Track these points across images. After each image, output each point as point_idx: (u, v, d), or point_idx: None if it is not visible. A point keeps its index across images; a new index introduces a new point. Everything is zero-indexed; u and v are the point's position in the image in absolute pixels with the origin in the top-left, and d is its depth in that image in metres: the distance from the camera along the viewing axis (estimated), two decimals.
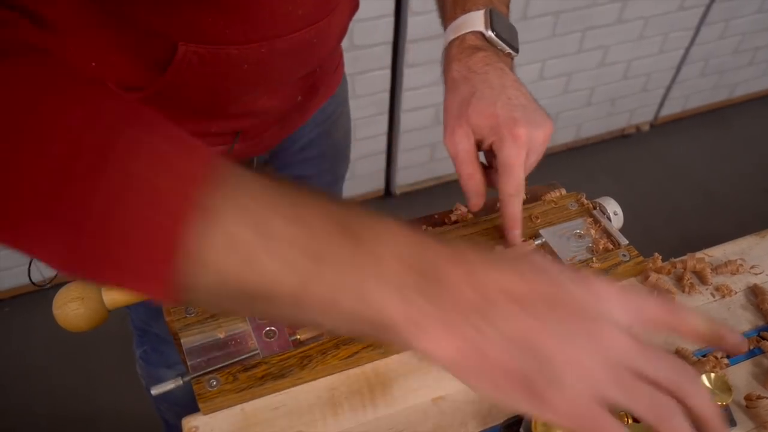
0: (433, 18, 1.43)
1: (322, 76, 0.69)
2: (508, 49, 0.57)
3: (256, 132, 0.65)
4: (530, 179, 0.56)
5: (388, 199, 1.84)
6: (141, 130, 0.28)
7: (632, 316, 0.30)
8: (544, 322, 0.29)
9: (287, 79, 0.61)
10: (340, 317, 0.29)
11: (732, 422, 0.41)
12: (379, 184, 1.81)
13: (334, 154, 0.84)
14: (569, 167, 1.97)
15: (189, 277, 0.27)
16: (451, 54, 0.56)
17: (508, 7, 0.61)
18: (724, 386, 0.43)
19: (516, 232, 0.55)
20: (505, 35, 0.56)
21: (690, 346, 0.55)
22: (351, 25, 1.50)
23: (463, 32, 0.55)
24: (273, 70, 0.57)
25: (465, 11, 0.56)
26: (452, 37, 0.56)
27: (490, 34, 0.55)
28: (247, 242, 0.28)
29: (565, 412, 0.28)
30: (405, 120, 1.65)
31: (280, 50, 0.54)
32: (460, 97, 0.53)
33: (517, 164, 0.51)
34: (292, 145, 0.75)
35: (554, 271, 0.30)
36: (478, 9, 0.56)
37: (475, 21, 0.55)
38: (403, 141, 1.70)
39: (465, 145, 0.54)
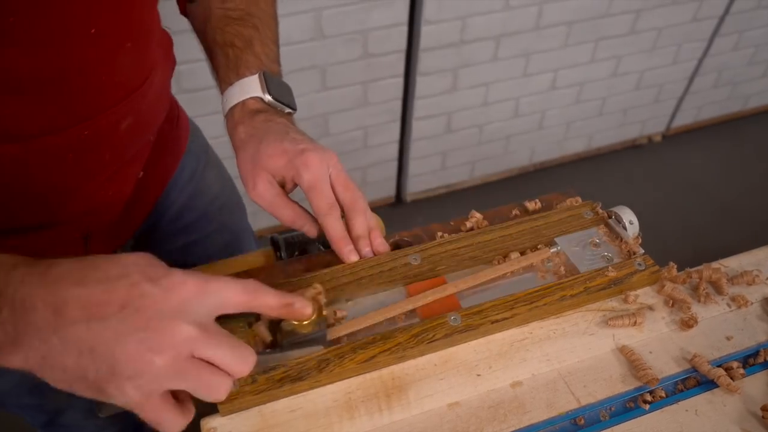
0: (446, 27, 1.45)
1: (161, 139, 0.66)
2: (287, 109, 0.58)
3: (104, 227, 0.61)
4: (543, 189, 0.56)
5: (399, 207, 1.85)
6: None
7: (211, 306, 0.36)
8: (109, 325, 0.33)
9: (121, 159, 0.57)
10: None
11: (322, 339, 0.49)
12: (390, 191, 1.82)
13: (221, 209, 0.80)
14: (580, 177, 1.96)
15: None
16: (235, 118, 0.57)
17: (278, 62, 0.61)
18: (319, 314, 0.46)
19: (347, 249, 0.55)
20: (281, 97, 0.57)
21: (706, 355, 0.55)
22: (365, 33, 1.51)
23: (243, 98, 0.56)
24: (103, 153, 0.52)
25: (239, 76, 0.57)
26: (233, 102, 0.57)
27: (269, 98, 0.56)
28: None
29: (126, 402, 0.35)
30: (417, 128, 1.65)
31: (105, 127, 0.50)
32: (251, 153, 0.54)
33: (319, 184, 0.53)
34: (160, 218, 0.71)
35: (133, 276, 0.34)
36: (252, 74, 0.57)
37: (252, 86, 0.56)
38: (415, 149, 1.71)
39: (271, 191, 0.55)
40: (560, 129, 1.89)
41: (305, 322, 0.44)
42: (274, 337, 0.46)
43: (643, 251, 0.62)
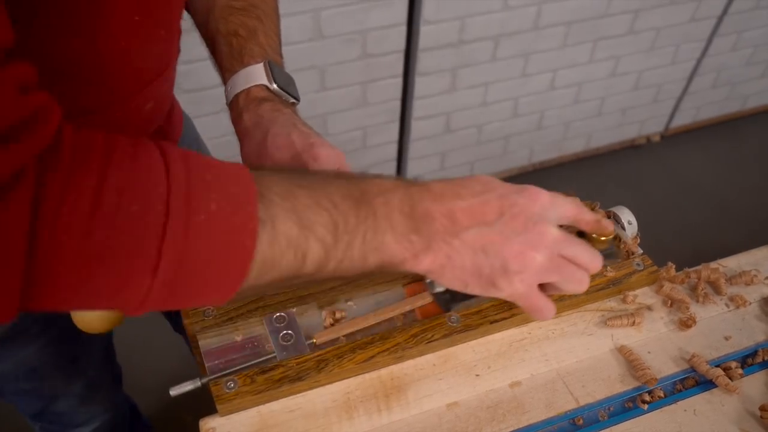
0: (445, 27, 1.45)
1: (162, 127, 0.67)
2: (291, 99, 0.58)
3: None
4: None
5: None
6: (198, 175, 0.33)
7: (559, 214, 0.42)
8: (495, 229, 0.40)
9: None
10: (366, 268, 0.39)
11: (611, 254, 0.62)
12: None
13: None
14: (579, 177, 1.96)
15: (254, 279, 0.34)
16: (239, 106, 0.57)
17: (281, 55, 0.62)
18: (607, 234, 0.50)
19: None
20: (287, 87, 0.58)
21: (705, 355, 0.55)
22: (364, 33, 1.51)
23: (248, 86, 0.56)
24: (128, 134, 0.54)
25: (244, 65, 0.57)
26: (238, 90, 0.57)
27: (275, 87, 0.56)
28: (298, 238, 0.35)
29: (511, 293, 0.41)
30: (416, 128, 1.65)
31: (134, 109, 0.52)
32: (256, 141, 0.54)
33: None
34: None
35: (501, 187, 0.41)
36: (257, 62, 0.57)
37: (257, 74, 0.56)
38: (414, 149, 1.71)
39: None
40: (559, 129, 1.89)
41: (603, 238, 0.48)
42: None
43: (642, 251, 0.63)
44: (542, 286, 0.43)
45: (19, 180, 0.27)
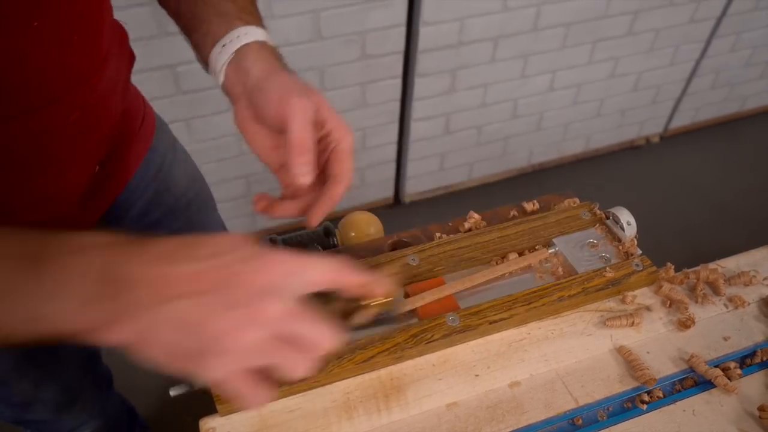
0: (445, 29, 1.45)
1: (123, 135, 0.64)
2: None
3: (58, 221, 0.59)
4: (542, 190, 0.56)
5: (397, 208, 1.84)
6: None
7: (301, 284, 0.36)
8: (203, 302, 0.34)
9: (72, 152, 0.55)
10: (35, 337, 0.35)
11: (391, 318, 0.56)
12: (388, 192, 1.82)
13: (188, 206, 0.78)
14: (578, 178, 1.97)
15: None
16: (264, 47, 0.51)
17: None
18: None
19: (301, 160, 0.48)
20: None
21: (704, 356, 0.55)
22: (364, 34, 1.51)
23: (272, 43, 0.52)
24: (51, 146, 0.51)
25: (261, 26, 0.53)
26: (260, 38, 0.51)
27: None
28: None
29: (218, 376, 0.35)
30: (415, 129, 1.65)
31: (53, 120, 0.49)
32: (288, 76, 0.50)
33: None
34: (125, 214, 0.69)
35: (228, 255, 0.35)
36: (258, 26, 0.53)
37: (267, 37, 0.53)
38: (413, 150, 1.71)
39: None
40: (558, 130, 1.89)
41: (378, 302, 0.44)
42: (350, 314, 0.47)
43: (641, 252, 0.63)
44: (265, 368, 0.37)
45: None
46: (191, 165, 0.81)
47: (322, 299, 0.45)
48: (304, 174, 0.46)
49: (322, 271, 0.37)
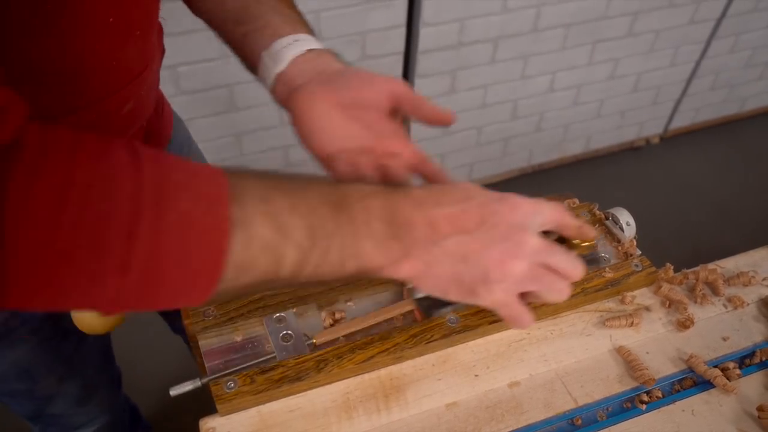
0: (445, 29, 1.45)
1: (149, 126, 0.66)
2: None
3: None
4: (542, 190, 0.56)
5: None
6: (169, 174, 0.32)
7: (541, 221, 0.41)
8: (476, 238, 0.39)
9: None
10: (344, 274, 0.38)
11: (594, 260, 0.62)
12: None
13: None
14: (578, 179, 1.97)
15: (231, 282, 0.34)
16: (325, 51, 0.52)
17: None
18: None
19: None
20: None
21: (703, 356, 0.56)
22: (364, 34, 1.51)
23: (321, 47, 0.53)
24: (106, 134, 0.53)
25: (310, 31, 0.54)
26: (314, 46, 0.52)
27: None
28: (273, 241, 0.34)
29: (490, 301, 0.40)
30: (415, 129, 1.66)
31: (111, 111, 0.51)
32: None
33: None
34: None
35: (482, 196, 0.41)
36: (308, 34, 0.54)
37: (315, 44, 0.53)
38: None
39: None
40: (558, 131, 1.89)
41: (585, 244, 0.47)
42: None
43: (640, 252, 0.63)
44: (523, 295, 0.42)
45: None
46: (204, 161, 0.82)
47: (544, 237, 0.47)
48: (412, 152, 0.51)
49: (552, 212, 0.42)
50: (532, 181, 1.95)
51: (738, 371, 0.55)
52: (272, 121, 1.45)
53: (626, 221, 0.63)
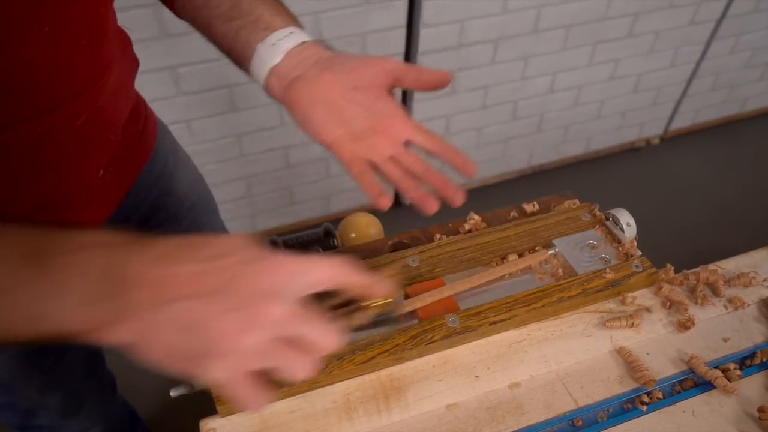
0: (445, 30, 1.45)
1: (127, 139, 0.63)
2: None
3: (64, 224, 0.57)
4: (542, 191, 0.56)
5: (397, 209, 1.85)
6: None
7: (303, 285, 0.36)
8: (207, 304, 0.34)
9: (78, 155, 0.54)
10: (33, 335, 0.35)
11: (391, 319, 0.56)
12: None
13: (190, 209, 0.78)
14: (578, 180, 1.97)
15: None
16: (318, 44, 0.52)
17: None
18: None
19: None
20: None
21: (703, 357, 0.55)
22: (364, 35, 1.51)
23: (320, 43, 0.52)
24: (58, 149, 0.51)
25: (301, 28, 0.53)
26: (308, 39, 0.51)
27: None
28: None
29: (218, 377, 0.35)
30: None
31: (60, 124, 0.48)
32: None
33: None
34: (129, 218, 0.68)
35: (230, 256, 0.35)
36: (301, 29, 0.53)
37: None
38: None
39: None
40: (559, 132, 1.89)
41: (378, 303, 0.45)
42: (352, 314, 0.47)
43: (641, 253, 0.63)
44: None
45: None
46: (193, 168, 0.81)
47: (323, 299, 0.46)
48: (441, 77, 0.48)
49: (324, 272, 0.37)
50: (532, 182, 1.95)
51: (739, 372, 0.55)
52: (272, 122, 1.45)
53: (627, 222, 0.63)
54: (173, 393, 0.50)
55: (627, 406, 0.53)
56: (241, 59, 0.54)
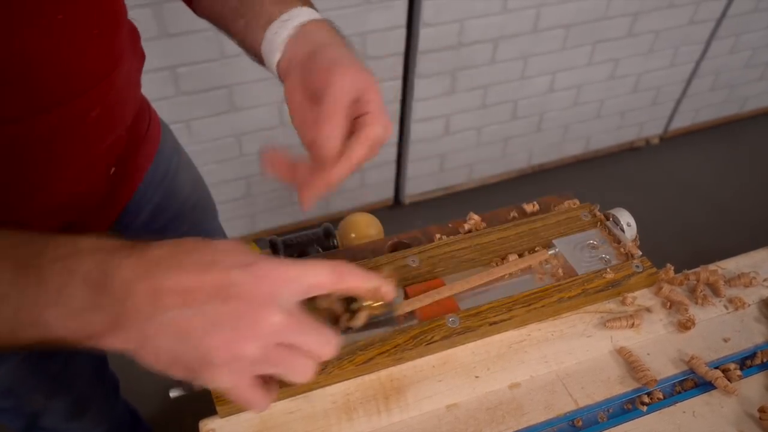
0: (445, 30, 1.45)
1: (134, 137, 0.64)
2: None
3: (78, 223, 0.58)
4: (542, 191, 0.55)
5: (397, 209, 1.84)
6: None
7: (299, 290, 0.36)
8: (202, 313, 0.34)
9: (91, 151, 0.54)
10: (20, 343, 0.35)
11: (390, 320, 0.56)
12: (388, 193, 1.82)
13: (193, 209, 0.78)
14: (578, 179, 1.97)
15: None
16: (321, 25, 0.49)
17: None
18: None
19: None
20: None
21: (704, 357, 0.55)
22: (364, 35, 1.51)
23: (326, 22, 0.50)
24: (72, 144, 0.51)
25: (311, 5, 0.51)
26: (315, 17, 0.49)
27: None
28: None
29: (219, 384, 0.35)
30: (415, 130, 1.65)
31: (74, 117, 0.48)
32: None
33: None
34: (134, 219, 0.68)
35: (224, 263, 0.35)
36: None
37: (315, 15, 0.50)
38: (413, 151, 1.71)
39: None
40: (558, 131, 1.89)
41: (376, 304, 0.44)
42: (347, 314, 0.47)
43: (641, 253, 0.63)
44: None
45: None
46: (194, 169, 0.81)
47: (320, 302, 0.45)
48: (325, 144, 0.43)
49: (319, 276, 0.36)
50: (532, 182, 1.95)
51: (739, 372, 0.55)
52: (272, 122, 1.45)
53: (627, 222, 0.63)
54: (172, 394, 0.50)
55: (627, 407, 0.53)
56: (259, 60, 0.52)
